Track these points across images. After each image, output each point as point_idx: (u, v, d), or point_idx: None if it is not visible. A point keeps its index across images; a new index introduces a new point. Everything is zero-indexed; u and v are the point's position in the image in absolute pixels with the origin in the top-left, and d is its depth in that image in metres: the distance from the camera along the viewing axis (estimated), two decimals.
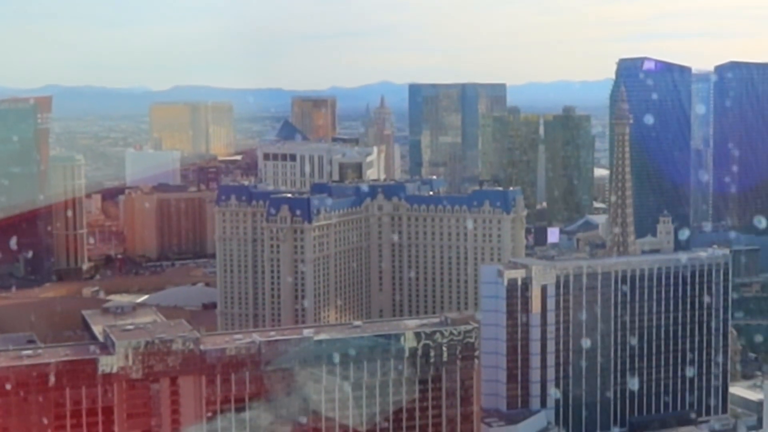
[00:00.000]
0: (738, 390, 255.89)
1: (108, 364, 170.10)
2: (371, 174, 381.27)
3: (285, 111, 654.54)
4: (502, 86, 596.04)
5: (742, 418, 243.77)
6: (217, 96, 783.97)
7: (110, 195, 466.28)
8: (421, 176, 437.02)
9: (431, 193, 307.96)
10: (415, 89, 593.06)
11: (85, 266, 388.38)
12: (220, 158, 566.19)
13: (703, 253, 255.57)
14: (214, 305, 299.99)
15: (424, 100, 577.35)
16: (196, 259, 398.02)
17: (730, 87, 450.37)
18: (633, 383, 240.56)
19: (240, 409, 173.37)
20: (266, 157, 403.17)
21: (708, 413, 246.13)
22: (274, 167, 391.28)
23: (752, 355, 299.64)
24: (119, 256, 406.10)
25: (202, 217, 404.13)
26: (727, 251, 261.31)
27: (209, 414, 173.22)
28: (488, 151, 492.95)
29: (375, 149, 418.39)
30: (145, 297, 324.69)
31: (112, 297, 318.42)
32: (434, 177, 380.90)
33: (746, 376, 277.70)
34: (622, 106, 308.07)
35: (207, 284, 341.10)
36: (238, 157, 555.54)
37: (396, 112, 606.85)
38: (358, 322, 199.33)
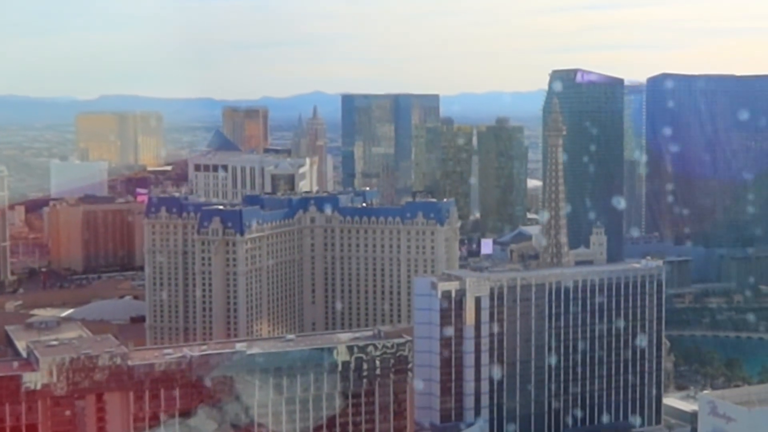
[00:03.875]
0: (672, 401, 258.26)
1: (32, 380, 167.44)
2: (304, 186, 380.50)
3: (216, 121, 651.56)
4: (435, 97, 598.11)
5: (675, 429, 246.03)
6: (145, 105, 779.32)
7: (34, 207, 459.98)
8: (354, 188, 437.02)
9: (364, 204, 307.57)
10: (347, 100, 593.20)
11: (8, 280, 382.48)
12: (150, 169, 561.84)
13: (636, 265, 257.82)
14: (142, 319, 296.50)
15: (357, 111, 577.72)
16: (124, 272, 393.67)
17: (663, 98, 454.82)
18: (567, 394, 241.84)
19: (169, 426, 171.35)
20: (197, 168, 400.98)
21: (642, 424, 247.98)
22: (205, 178, 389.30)
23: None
24: (44, 269, 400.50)
25: (131, 229, 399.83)
26: (660, 262, 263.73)
27: (137, 430, 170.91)
28: (421, 162, 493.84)
29: (307, 160, 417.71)
30: (71, 311, 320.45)
31: (36, 311, 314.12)
32: (367, 188, 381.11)
33: (680, 387, 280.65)
34: (555, 117, 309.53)
35: (135, 297, 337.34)
36: (168, 168, 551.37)
37: (328, 123, 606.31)
38: (290, 336, 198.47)
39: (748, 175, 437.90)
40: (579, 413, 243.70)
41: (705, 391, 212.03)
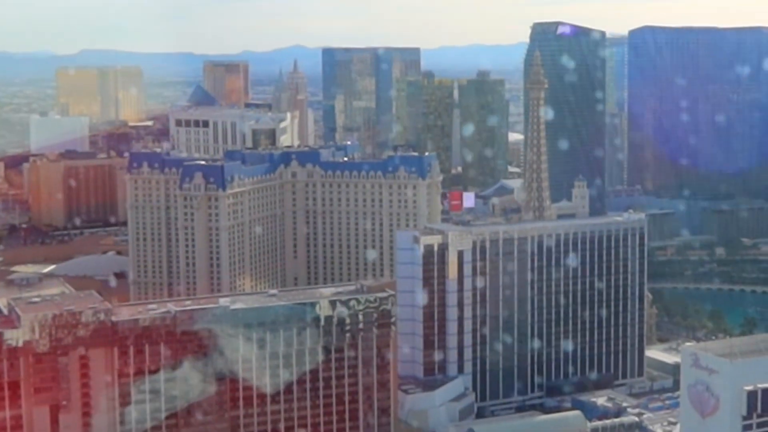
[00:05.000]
0: (654, 353, 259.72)
1: (13, 337, 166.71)
2: (285, 140, 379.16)
3: (197, 76, 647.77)
4: (416, 50, 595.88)
5: (658, 381, 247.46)
6: (126, 60, 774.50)
7: (14, 163, 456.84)
8: (335, 142, 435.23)
9: (346, 158, 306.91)
10: (328, 54, 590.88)
11: None
12: (131, 124, 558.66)
13: (618, 218, 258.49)
14: (125, 274, 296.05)
15: (338, 65, 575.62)
16: (106, 228, 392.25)
17: (645, 51, 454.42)
18: (550, 348, 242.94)
19: (154, 381, 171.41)
20: (178, 123, 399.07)
21: (624, 376, 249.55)
22: (186, 133, 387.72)
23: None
24: (24, 226, 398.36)
25: (113, 185, 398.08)
26: (642, 215, 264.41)
27: (122, 386, 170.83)
28: (403, 116, 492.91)
29: (288, 115, 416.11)
30: (53, 267, 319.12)
31: (17, 268, 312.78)
32: (348, 142, 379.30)
33: (662, 340, 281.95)
34: (536, 70, 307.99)
35: (118, 253, 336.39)
36: (150, 123, 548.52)
37: (309, 77, 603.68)
38: (273, 291, 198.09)
39: (730, 127, 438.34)
40: (562, 366, 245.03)
41: (687, 344, 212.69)
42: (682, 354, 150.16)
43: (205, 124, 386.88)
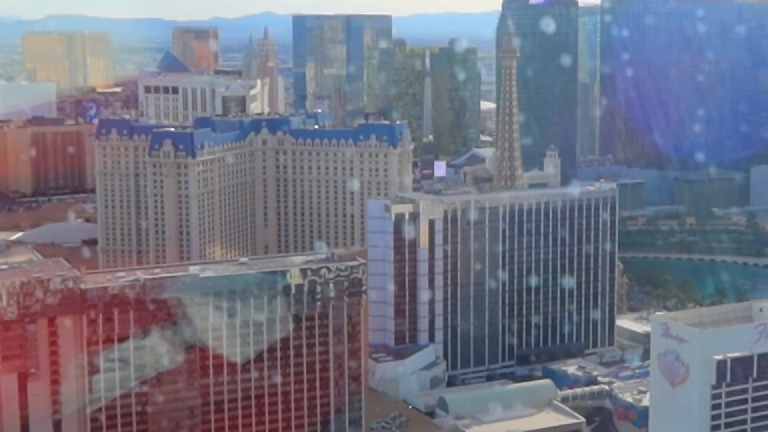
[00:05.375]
0: (624, 322, 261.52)
1: None
2: (255, 107, 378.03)
3: (166, 42, 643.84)
4: (388, 18, 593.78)
5: (628, 350, 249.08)
6: (94, 26, 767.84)
7: None
8: (305, 109, 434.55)
9: (316, 126, 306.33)
10: (298, 20, 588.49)
11: None
12: (99, 90, 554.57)
13: (590, 187, 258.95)
14: (94, 242, 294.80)
15: (308, 32, 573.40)
16: (75, 195, 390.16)
17: (618, 20, 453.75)
18: (520, 316, 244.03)
19: (123, 349, 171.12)
20: (147, 89, 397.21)
21: (595, 345, 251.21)
22: (155, 100, 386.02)
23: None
24: None
25: (81, 152, 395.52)
26: (613, 185, 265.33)
27: (91, 354, 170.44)
28: (374, 84, 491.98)
29: (258, 82, 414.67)
30: (20, 234, 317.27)
31: None
32: (319, 110, 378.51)
33: (632, 309, 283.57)
34: (508, 39, 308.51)
35: (87, 220, 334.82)
36: (118, 90, 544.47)
37: (280, 44, 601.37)
38: (243, 259, 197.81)
39: (702, 98, 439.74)
40: (532, 335, 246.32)
41: (658, 313, 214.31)
42: (653, 323, 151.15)
43: (175, 90, 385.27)
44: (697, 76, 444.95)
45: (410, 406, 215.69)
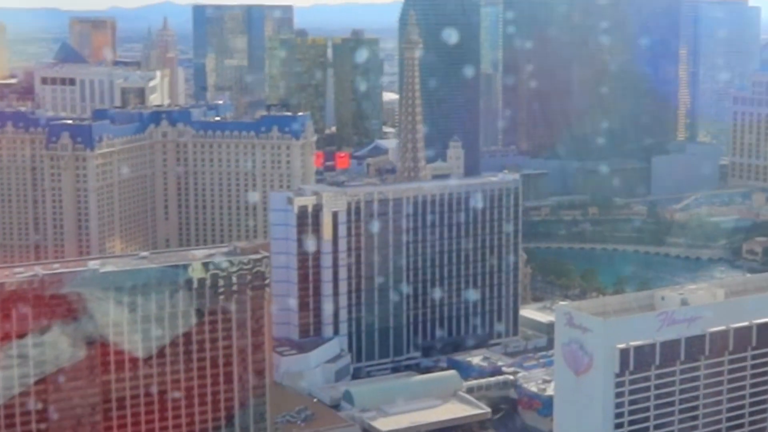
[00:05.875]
0: (528, 312, 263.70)
1: None
2: (155, 99, 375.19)
3: (62, 32, 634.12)
4: (289, 8, 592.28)
5: (532, 340, 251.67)
6: None
7: None
8: (206, 101, 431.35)
9: (217, 118, 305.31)
10: (198, 10, 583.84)
11: None
12: None
13: (493, 178, 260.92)
14: None
15: (209, 22, 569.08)
16: None
17: (520, 11, 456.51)
18: (425, 308, 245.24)
19: (22, 346, 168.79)
20: (44, 81, 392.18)
21: (500, 336, 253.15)
22: (52, 92, 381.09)
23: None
24: None
25: None
26: (516, 176, 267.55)
27: None
28: (275, 75, 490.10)
29: (158, 73, 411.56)
30: None
31: None
32: (220, 102, 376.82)
33: (536, 299, 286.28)
34: (411, 29, 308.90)
35: None
36: (14, 81, 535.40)
37: (179, 35, 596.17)
38: (144, 253, 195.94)
39: (604, 88, 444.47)
40: (437, 326, 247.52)
41: (561, 303, 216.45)
42: (556, 313, 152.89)
43: (72, 82, 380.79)
44: (599, 68, 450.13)
45: (315, 400, 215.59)
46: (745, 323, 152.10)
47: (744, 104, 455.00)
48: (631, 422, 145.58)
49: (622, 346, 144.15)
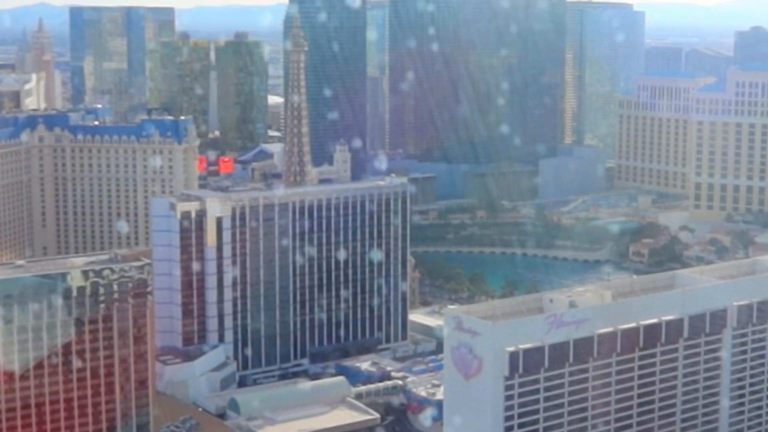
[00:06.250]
0: (417, 317, 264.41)
1: None
2: (30, 103, 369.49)
3: None
4: (170, 10, 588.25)
5: (421, 344, 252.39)
6: None
7: None
8: (85, 105, 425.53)
9: (96, 122, 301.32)
10: (76, 12, 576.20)
11: None
12: None
13: (380, 182, 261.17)
14: None
15: (86, 24, 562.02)
16: None
17: (405, 15, 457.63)
18: (312, 314, 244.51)
19: None
20: None
21: (389, 341, 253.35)
22: None
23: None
24: None
25: None
26: (404, 179, 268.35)
27: None
28: (156, 78, 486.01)
29: (34, 76, 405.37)
30: None
31: None
32: (99, 106, 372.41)
33: (425, 303, 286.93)
34: (296, 32, 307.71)
35: None
36: None
37: (56, 37, 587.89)
38: (20, 261, 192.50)
39: (491, 91, 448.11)
40: (325, 332, 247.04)
41: (450, 307, 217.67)
42: (445, 317, 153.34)
43: None
44: (486, 72, 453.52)
45: (200, 409, 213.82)
46: (633, 324, 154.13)
47: (630, 108, 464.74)
48: (521, 425, 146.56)
49: (511, 349, 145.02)
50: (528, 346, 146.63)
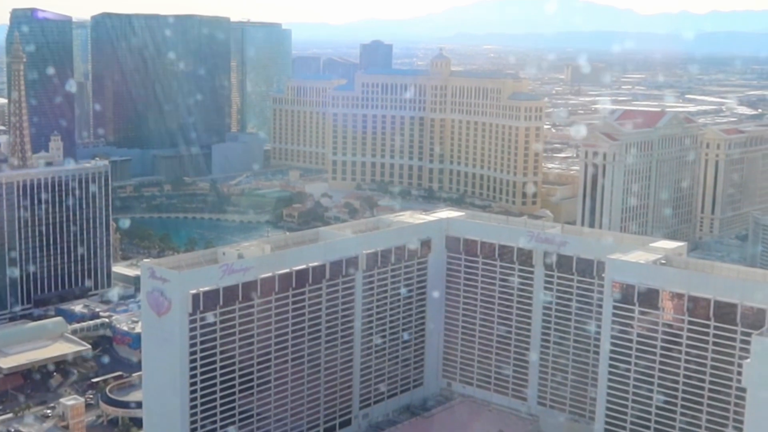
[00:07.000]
0: (119, 269, 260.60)
1: None
2: None
3: None
4: None
5: (123, 290, 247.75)
6: None
7: None
8: None
9: None
10: None
11: None
12: None
13: (87, 164, 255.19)
14: None
15: None
16: None
17: (103, 32, 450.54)
18: (35, 268, 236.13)
19: None
20: None
21: (97, 288, 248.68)
22: None
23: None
24: None
25: None
26: (106, 162, 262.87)
27: None
28: None
29: None
30: None
31: None
32: None
33: (125, 258, 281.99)
34: (16, 47, 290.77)
35: None
36: None
37: None
38: None
39: (174, 92, 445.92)
40: (45, 282, 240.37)
41: (145, 260, 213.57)
42: (142, 268, 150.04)
43: None
44: (168, 76, 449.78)
45: None
46: (287, 270, 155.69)
47: (281, 103, 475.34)
48: (203, 350, 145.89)
49: (193, 291, 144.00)
50: (207, 288, 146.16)
